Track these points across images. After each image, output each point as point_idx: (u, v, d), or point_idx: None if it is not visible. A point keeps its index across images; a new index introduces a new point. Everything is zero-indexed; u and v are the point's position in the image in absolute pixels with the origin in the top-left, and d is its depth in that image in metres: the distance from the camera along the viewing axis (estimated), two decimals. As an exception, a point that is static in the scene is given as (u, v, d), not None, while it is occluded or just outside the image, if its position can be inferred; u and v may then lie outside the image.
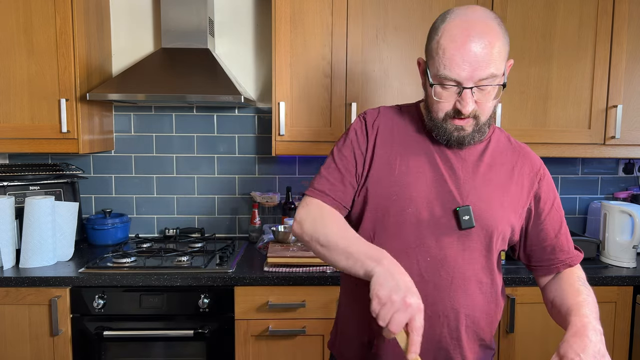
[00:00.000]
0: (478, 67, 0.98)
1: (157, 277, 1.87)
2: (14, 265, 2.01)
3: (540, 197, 1.16)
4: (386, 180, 1.11)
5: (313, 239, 1.08)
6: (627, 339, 1.99)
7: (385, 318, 0.87)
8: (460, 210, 1.07)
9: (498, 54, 0.99)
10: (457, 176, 1.10)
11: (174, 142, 2.47)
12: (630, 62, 2.12)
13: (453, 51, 0.98)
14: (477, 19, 1.00)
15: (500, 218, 1.11)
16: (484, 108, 1.04)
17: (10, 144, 2.07)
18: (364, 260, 0.96)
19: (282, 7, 2.07)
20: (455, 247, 1.09)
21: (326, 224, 1.08)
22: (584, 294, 1.09)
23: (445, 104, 1.04)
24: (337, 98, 2.12)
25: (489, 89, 1.01)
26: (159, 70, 2.18)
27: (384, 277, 0.91)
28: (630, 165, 2.52)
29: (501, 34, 1.01)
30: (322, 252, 1.07)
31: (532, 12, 2.10)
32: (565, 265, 1.18)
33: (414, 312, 0.87)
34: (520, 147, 1.20)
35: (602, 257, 2.17)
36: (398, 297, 0.87)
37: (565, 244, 1.18)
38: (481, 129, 1.07)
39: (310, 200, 1.14)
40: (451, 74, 1.00)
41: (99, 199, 2.49)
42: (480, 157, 1.13)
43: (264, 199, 2.39)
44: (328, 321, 1.90)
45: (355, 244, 1.01)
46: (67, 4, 2.01)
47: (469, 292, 1.10)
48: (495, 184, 1.12)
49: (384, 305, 0.88)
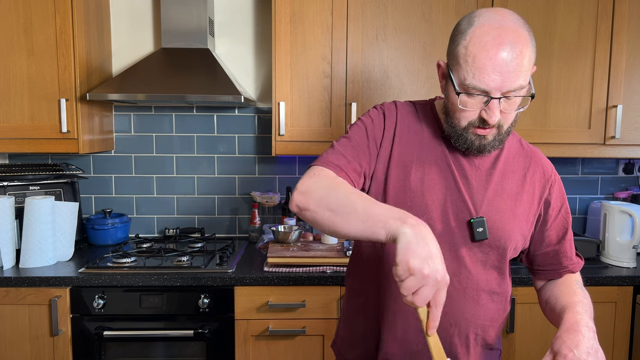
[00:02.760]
0: (508, 78, 0.93)
1: (157, 277, 1.87)
2: (14, 265, 2.00)
3: (550, 203, 1.14)
4: (402, 186, 1.06)
5: (322, 206, 0.95)
6: (627, 339, 1.99)
7: (411, 289, 0.80)
8: (474, 222, 1.04)
9: (528, 63, 0.95)
10: (470, 185, 1.08)
11: (174, 142, 2.47)
12: (630, 62, 2.12)
13: (484, 60, 0.93)
14: (509, 26, 0.95)
15: (513, 229, 1.09)
16: (508, 117, 1.01)
17: (10, 144, 2.07)
18: (387, 220, 0.86)
19: (282, 7, 2.07)
20: (469, 258, 1.07)
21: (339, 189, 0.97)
22: (580, 295, 1.08)
23: (470, 113, 0.99)
24: (337, 98, 2.12)
25: (515, 98, 0.97)
26: (159, 70, 2.18)
27: (416, 240, 0.81)
28: (630, 165, 2.52)
29: (530, 41, 0.96)
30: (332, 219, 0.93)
31: (532, 12, 2.10)
32: (567, 271, 1.17)
33: (441, 287, 0.81)
34: (532, 151, 1.17)
35: (602, 257, 2.17)
36: (430, 270, 0.79)
37: (569, 250, 1.17)
38: (502, 137, 1.04)
39: (320, 170, 1.02)
40: (480, 84, 0.95)
41: (99, 199, 2.49)
42: (493, 164, 1.10)
43: (264, 199, 2.39)
44: (328, 321, 1.90)
45: (375, 203, 0.91)
46: (67, 4, 2.01)
47: (480, 302, 1.09)
48: (508, 194, 1.09)
49: (412, 276, 0.79)
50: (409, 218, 0.85)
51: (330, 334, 1.90)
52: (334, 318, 1.91)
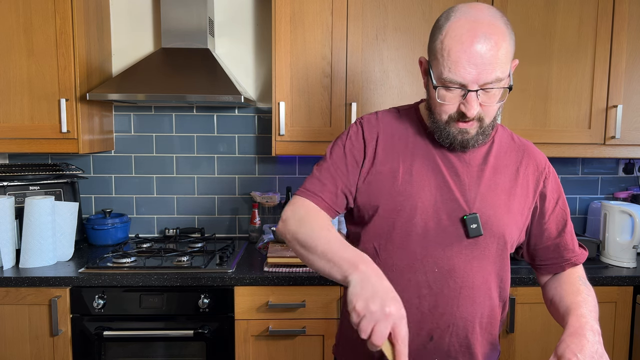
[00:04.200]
0: (484, 70, 0.94)
1: (157, 277, 1.87)
2: (14, 265, 2.00)
3: (546, 196, 1.13)
4: (390, 192, 1.07)
5: (294, 239, 1.03)
6: (627, 339, 1.99)
7: (367, 330, 0.82)
8: (467, 218, 1.04)
9: (504, 55, 0.96)
10: (462, 182, 1.07)
11: (174, 142, 2.47)
12: (630, 62, 2.12)
13: (459, 53, 0.94)
14: (484, 19, 0.95)
15: (508, 224, 1.08)
16: (488, 110, 1.01)
17: (10, 144, 2.07)
18: (342, 264, 0.91)
19: (282, 7, 2.07)
20: (464, 256, 1.06)
21: (309, 224, 1.03)
22: (584, 293, 1.07)
23: (449, 107, 1.00)
24: (337, 98, 2.12)
25: (494, 91, 0.98)
26: (159, 70, 2.18)
27: (361, 284, 0.85)
28: (630, 165, 2.52)
29: (507, 34, 0.97)
30: (302, 253, 1.02)
31: (532, 12, 2.10)
32: (570, 264, 1.16)
33: (395, 321, 0.82)
34: (524, 145, 1.16)
35: (602, 257, 2.17)
36: (376, 306, 0.82)
37: (570, 243, 1.16)
38: (485, 131, 1.04)
39: (298, 199, 1.10)
40: (456, 77, 0.96)
41: (99, 199, 2.49)
42: (484, 160, 1.10)
43: (264, 199, 2.39)
44: (328, 321, 1.90)
45: (335, 246, 0.96)
46: (67, 4, 2.01)
47: (478, 300, 1.08)
48: (501, 188, 1.09)
49: (363, 317, 0.82)
50: (360, 263, 0.89)
51: (330, 334, 1.90)
52: (334, 318, 1.91)
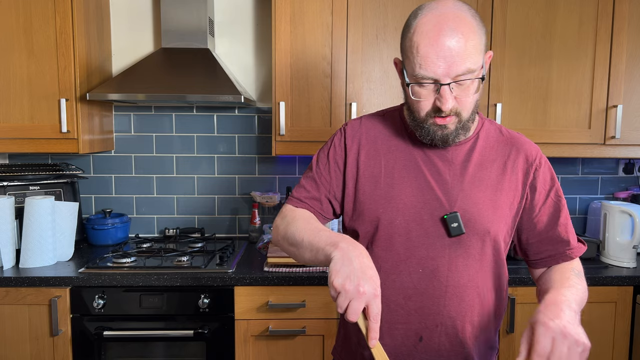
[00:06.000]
0: (454, 63, 0.95)
1: (157, 277, 1.87)
2: (14, 265, 2.00)
3: (536, 188, 1.11)
4: (373, 196, 1.09)
5: (284, 239, 1.09)
6: (627, 338, 1.99)
7: (342, 306, 0.86)
8: (448, 217, 1.04)
9: (473, 47, 0.96)
10: (444, 181, 1.07)
11: (174, 142, 2.47)
12: (630, 62, 2.12)
13: (427, 48, 0.95)
14: (450, 13, 0.96)
15: (493, 220, 1.07)
16: (464, 103, 1.00)
17: (10, 144, 2.07)
18: (324, 247, 0.95)
19: (282, 7, 2.07)
20: (448, 255, 1.06)
21: (295, 224, 1.08)
22: (572, 281, 1.04)
23: (424, 103, 1.01)
24: (337, 98, 2.12)
25: (467, 83, 0.98)
26: (159, 70, 2.18)
27: (341, 262, 0.89)
28: (630, 165, 2.52)
29: (475, 26, 0.98)
30: (292, 251, 1.06)
31: (532, 12, 2.10)
32: (565, 257, 1.13)
33: (369, 299, 0.86)
34: (513, 137, 1.14)
35: (602, 257, 2.17)
36: (352, 285, 0.86)
37: (564, 235, 1.12)
38: (465, 125, 1.04)
39: (285, 207, 1.17)
40: (427, 73, 0.96)
41: (99, 199, 2.49)
42: (468, 156, 1.09)
43: (264, 199, 2.39)
44: (328, 321, 1.90)
45: (317, 234, 1.00)
46: (67, 4, 2.01)
47: (466, 299, 1.07)
48: (486, 184, 1.08)
49: (339, 294, 0.86)
50: (341, 242, 0.93)
51: (330, 334, 1.90)
52: (334, 318, 1.91)
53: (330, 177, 1.15)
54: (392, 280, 1.07)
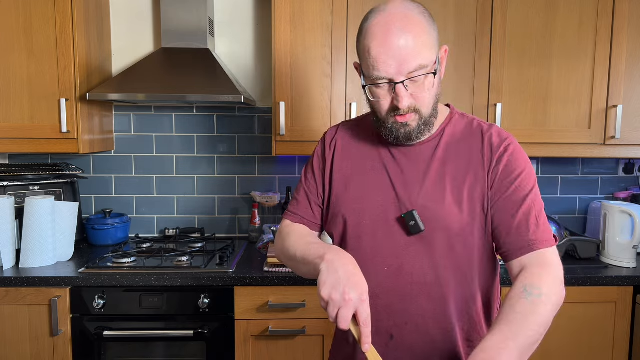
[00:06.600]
0: (404, 61, 0.97)
1: (157, 277, 1.87)
2: (14, 265, 2.01)
3: (498, 175, 1.05)
4: (344, 199, 1.13)
5: (282, 254, 1.17)
6: (627, 338, 1.99)
7: (332, 315, 0.90)
8: (405, 216, 1.05)
9: (423, 44, 0.98)
10: (406, 180, 1.09)
11: (174, 142, 2.47)
12: (630, 62, 2.12)
13: (377, 49, 0.98)
14: (397, 13, 0.99)
15: (456, 214, 1.04)
16: (421, 100, 1.02)
17: (10, 144, 2.07)
18: (314, 260, 0.99)
19: (282, 7, 2.07)
20: (412, 253, 1.05)
21: (289, 239, 1.14)
22: (517, 310, 0.92)
23: (383, 102, 1.04)
24: (337, 98, 2.12)
25: (421, 79, 1.00)
26: (159, 70, 2.18)
27: (327, 273, 0.93)
28: (630, 165, 2.52)
29: (424, 23, 1.00)
30: (290, 265, 1.14)
31: (532, 12, 2.10)
32: (526, 250, 1.01)
33: (357, 305, 0.89)
34: (482, 129, 1.10)
35: (602, 257, 2.16)
36: (337, 294, 0.89)
37: (525, 225, 1.02)
38: (427, 122, 1.05)
39: (282, 222, 1.23)
40: (380, 73, 0.99)
41: (99, 199, 2.49)
42: (432, 154, 1.09)
43: (264, 199, 2.39)
44: (328, 321, 1.90)
45: (308, 247, 1.05)
46: (67, 4, 2.01)
47: (434, 296, 1.05)
48: (449, 179, 1.06)
49: (328, 304, 0.90)
50: (327, 253, 0.96)
51: (330, 333, 1.90)
52: (334, 318, 1.90)
53: (316, 186, 1.20)
54: None
